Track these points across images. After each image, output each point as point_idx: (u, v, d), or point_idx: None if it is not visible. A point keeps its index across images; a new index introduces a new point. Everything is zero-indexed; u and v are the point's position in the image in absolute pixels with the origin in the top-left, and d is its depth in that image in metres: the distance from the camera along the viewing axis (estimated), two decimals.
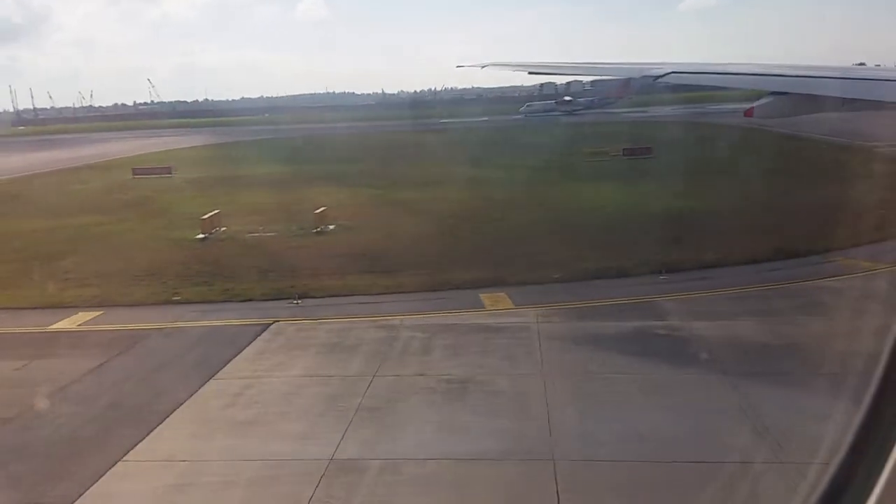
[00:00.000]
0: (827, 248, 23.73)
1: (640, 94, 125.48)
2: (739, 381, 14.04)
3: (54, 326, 19.96)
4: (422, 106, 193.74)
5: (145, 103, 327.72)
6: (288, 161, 64.73)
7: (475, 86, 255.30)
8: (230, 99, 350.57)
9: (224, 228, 32.88)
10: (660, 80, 20.89)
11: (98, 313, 20.98)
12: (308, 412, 13.69)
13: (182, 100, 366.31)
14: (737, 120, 56.89)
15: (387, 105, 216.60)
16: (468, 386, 14.59)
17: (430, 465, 11.47)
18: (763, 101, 19.19)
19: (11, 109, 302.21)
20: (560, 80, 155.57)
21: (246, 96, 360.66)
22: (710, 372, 14.70)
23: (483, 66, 39.66)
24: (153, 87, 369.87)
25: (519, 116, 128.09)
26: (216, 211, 33.88)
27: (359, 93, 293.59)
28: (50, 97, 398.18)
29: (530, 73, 48.12)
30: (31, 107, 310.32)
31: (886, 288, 20.23)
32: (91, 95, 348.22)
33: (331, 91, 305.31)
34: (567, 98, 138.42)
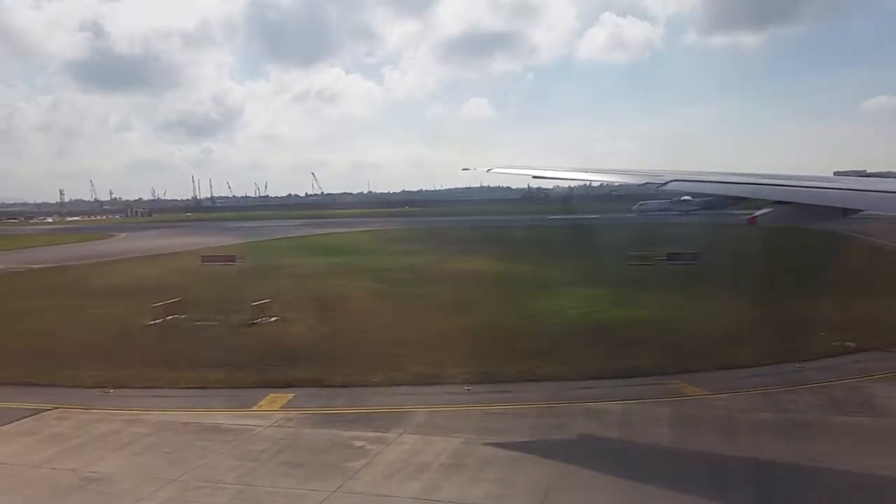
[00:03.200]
0: None
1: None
2: None
3: None
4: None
5: (315, 194, 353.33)
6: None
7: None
8: (391, 192, 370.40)
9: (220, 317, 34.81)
10: (661, 188, 20.79)
11: None
12: None
13: (348, 192, 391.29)
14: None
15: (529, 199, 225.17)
16: None
17: None
18: (766, 209, 18.85)
19: (191, 197, 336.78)
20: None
21: (406, 189, 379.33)
22: None
23: (488, 170, 40.42)
24: (316, 180, 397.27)
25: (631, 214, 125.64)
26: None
27: (514, 187, 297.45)
28: (229, 187, 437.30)
29: (534, 177, 48.27)
30: (210, 195, 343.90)
31: None
32: (266, 186, 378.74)
33: (485, 185, 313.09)
34: (686, 198, 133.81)
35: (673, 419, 18.66)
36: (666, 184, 20.68)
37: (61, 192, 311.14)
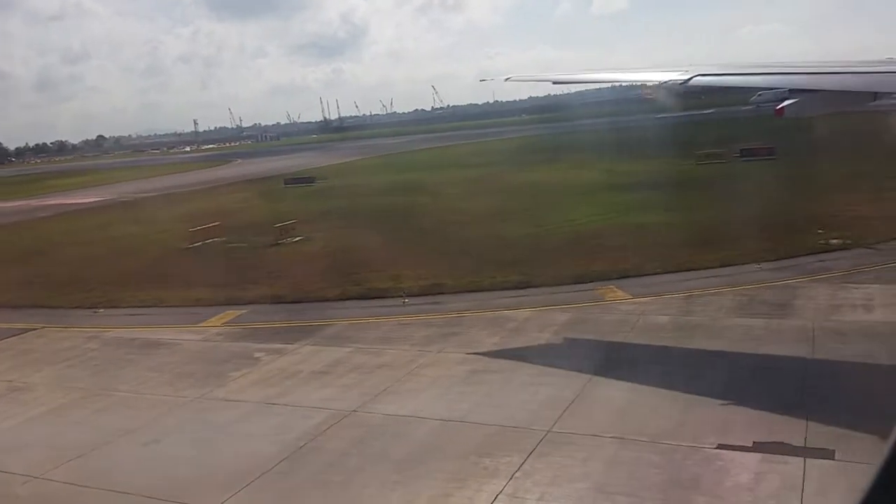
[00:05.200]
0: None
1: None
2: None
3: None
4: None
5: (440, 108, 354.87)
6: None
7: None
8: (517, 99, 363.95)
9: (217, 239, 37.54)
10: (685, 84, 20.99)
11: None
12: None
13: (474, 103, 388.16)
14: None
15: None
16: None
17: None
18: (792, 100, 19.08)
19: (320, 119, 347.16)
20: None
21: (533, 95, 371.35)
22: None
23: (505, 80, 40.56)
24: (437, 93, 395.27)
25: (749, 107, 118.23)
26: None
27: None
28: (356, 106, 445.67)
29: (554, 83, 48.10)
30: (338, 116, 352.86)
31: None
32: (391, 103, 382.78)
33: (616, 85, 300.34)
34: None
35: (562, 324, 18.91)
36: (689, 80, 20.31)
37: (195, 123, 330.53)
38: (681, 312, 19.15)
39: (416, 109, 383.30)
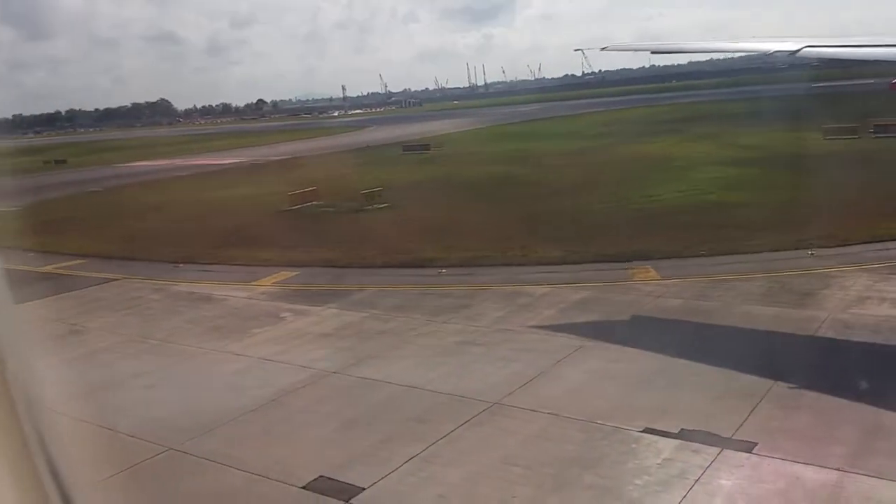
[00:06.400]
0: None
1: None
2: None
3: None
4: None
5: (591, 73, 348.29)
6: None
7: None
8: (675, 64, 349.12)
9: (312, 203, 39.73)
10: (796, 54, 21.50)
11: None
12: None
13: (627, 67, 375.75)
14: None
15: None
16: None
17: None
18: None
19: (467, 85, 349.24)
20: None
21: (694, 60, 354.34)
22: None
23: (602, 49, 40.40)
24: (586, 58, 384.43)
25: None
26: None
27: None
28: (503, 72, 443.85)
29: (653, 52, 47.98)
30: (484, 82, 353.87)
31: None
32: (539, 68, 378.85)
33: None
34: None
35: (573, 302, 19.01)
36: (799, 51, 20.22)
37: (343, 88, 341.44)
38: (697, 297, 18.71)
39: (566, 75, 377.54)
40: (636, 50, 37.00)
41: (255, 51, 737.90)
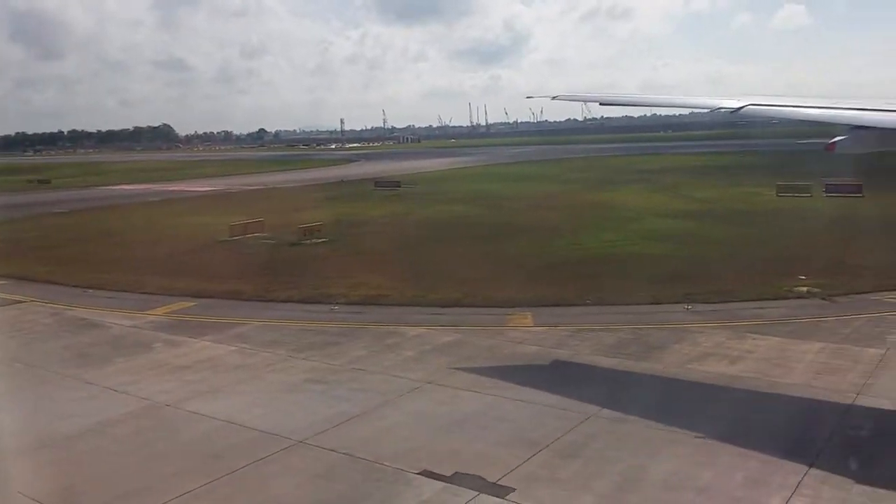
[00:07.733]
0: None
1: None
2: None
3: None
4: None
5: (592, 119, 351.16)
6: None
7: None
8: (677, 114, 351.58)
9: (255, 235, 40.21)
10: (736, 112, 21.89)
11: None
12: None
13: (629, 115, 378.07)
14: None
15: None
16: None
17: None
18: (844, 136, 19.90)
19: (469, 124, 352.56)
20: None
21: (695, 112, 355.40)
22: None
23: (553, 98, 40.89)
24: (586, 104, 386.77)
25: None
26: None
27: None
28: (506, 113, 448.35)
29: (602, 104, 48.26)
30: (485, 122, 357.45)
31: None
32: (541, 111, 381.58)
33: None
34: None
35: (437, 345, 19.28)
36: (741, 108, 20.57)
37: (342, 122, 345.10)
38: (555, 345, 18.99)
39: (569, 119, 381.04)
40: (584, 101, 37.57)
41: (263, 80, 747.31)
